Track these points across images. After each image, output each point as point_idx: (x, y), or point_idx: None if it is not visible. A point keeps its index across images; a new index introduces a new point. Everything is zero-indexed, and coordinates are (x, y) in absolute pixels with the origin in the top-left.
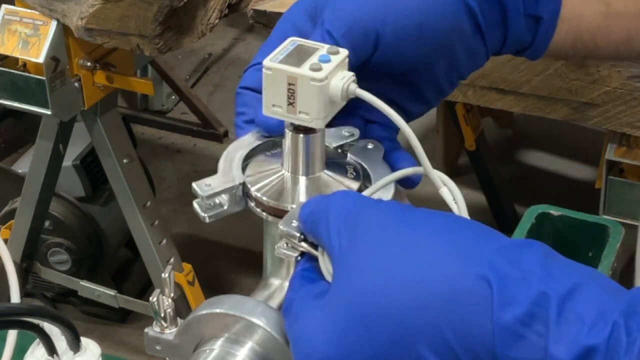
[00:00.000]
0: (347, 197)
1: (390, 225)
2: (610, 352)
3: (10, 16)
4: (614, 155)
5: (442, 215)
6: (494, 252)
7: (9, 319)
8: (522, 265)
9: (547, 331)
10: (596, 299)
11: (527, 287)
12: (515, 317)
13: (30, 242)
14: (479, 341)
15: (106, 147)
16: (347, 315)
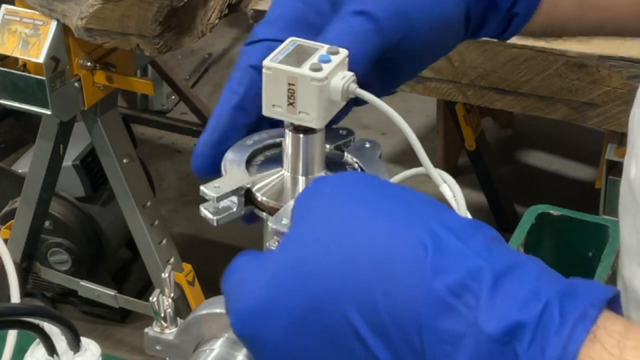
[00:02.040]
0: (315, 182)
1: (338, 196)
2: (540, 329)
3: (10, 16)
4: (614, 155)
5: (399, 187)
6: (438, 222)
7: (9, 319)
8: (465, 239)
9: (478, 304)
10: (533, 279)
11: (464, 259)
12: (446, 286)
13: (30, 242)
14: (407, 307)
15: (106, 147)
16: (284, 267)
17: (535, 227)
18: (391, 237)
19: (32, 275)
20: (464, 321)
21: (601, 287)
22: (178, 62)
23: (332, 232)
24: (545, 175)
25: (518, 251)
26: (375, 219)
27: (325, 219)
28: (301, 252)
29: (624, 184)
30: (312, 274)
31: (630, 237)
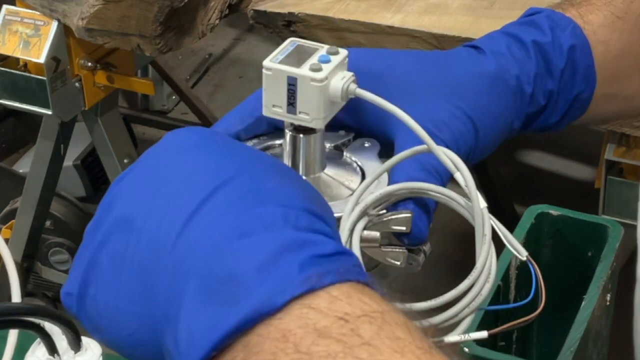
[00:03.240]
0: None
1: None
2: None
3: (11, 16)
4: (614, 155)
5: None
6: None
7: (10, 318)
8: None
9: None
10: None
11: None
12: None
13: (31, 241)
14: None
15: (107, 147)
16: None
17: (534, 227)
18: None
19: (33, 275)
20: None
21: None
22: (178, 62)
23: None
24: (545, 175)
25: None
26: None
27: (148, 157)
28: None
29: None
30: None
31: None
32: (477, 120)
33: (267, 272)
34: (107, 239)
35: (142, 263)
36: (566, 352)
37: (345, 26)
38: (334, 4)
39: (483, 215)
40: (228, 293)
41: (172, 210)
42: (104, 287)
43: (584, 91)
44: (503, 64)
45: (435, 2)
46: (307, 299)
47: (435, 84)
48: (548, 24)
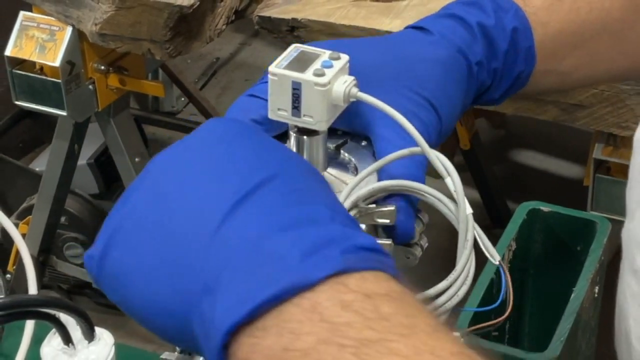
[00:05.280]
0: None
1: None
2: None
3: (28, 22)
4: (602, 154)
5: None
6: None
7: (27, 309)
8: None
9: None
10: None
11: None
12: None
13: (46, 236)
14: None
15: (119, 147)
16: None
17: (526, 223)
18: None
19: (49, 268)
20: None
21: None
22: (187, 65)
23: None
24: (536, 174)
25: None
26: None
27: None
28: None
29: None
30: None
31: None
32: (439, 106)
33: (311, 256)
34: (136, 207)
35: (178, 237)
36: (556, 341)
37: (346, 31)
38: (335, 11)
39: (468, 221)
40: (270, 271)
41: (215, 197)
42: (128, 252)
43: (525, 70)
44: (453, 48)
45: (433, 8)
46: (342, 278)
47: (397, 74)
48: (492, 6)
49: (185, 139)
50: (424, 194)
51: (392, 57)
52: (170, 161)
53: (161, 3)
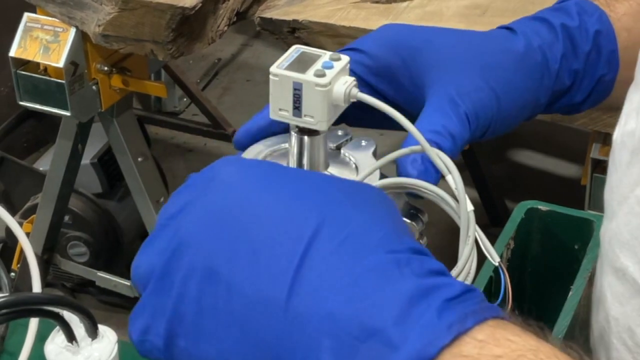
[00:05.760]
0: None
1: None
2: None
3: (32, 23)
4: (599, 154)
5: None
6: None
7: (31, 307)
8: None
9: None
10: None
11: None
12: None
13: (50, 235)
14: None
15: (122, 147)
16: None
17: (524, 222)
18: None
19: (53, 267)
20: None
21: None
22: (189, 66)
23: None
24: (535, 173)
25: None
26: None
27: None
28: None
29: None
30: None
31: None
32: (502, 93)
33: (406, 324)
34: (187, 289)
35: (246, 320)
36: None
37: (347, 32)
38: (336, 12)
39: (469, 218)
40: (371, 351)
41: (268, 266)
42: (198, 341)
43: (607, 74)
44: (531, 43)
45: (431, 10)
46: (455, 347)
47: (466, 58)
48: (576, 9)
49: (205, 191)
50: (426, 191)
51: (468, 43)
52: (204, 224)
53: (164, 4)
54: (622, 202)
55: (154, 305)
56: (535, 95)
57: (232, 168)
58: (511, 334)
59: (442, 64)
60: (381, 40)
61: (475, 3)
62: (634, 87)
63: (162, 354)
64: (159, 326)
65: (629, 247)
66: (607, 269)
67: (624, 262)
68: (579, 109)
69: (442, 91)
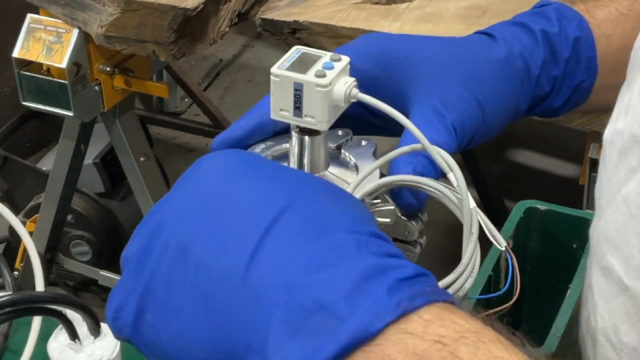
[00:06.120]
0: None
1: (209, 170)
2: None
3: (35, 24)
4: (597, 154)
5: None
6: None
7: (34, 306)
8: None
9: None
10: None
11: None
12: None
13: (53, 234)
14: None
15: (124, 146)
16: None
17: (523, 221)
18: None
19: (56, 266)
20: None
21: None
22: (191, 67)
23: (189, 191)
24: (533, 173)
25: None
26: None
27: (190, 182)
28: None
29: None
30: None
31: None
32: (485, 102)
33: (357, 299)
34: (160, 266)
35: (208, 293)
36: (553, 337)
37: (347, 33)
38: (336, 13)
39: (472, 214)
40: (319, 323)
41: (234, 241)
42: (164, 315)
43: (586, 80)
44: (512, 50)
45: (431, 11)
46: (402, 323)
47: (449, 67)
48: (556, 15)
49: (187, 180)
50: (429, 188)
51: (449, 53)
52: (182, 209)
53: (166, 6)
54: (610, 200)
55: (129, 283)
56: (517, 101)
57: (213, 159)
58: (457, 317)
59: (425, 75)
60: (362, 51)
61: (474, 4)
62: (626, 87)
63: (131, 330)
64: (131, 303)
65: (614, 245)
66: (595, 266)
67: (610, 260)
68: (557, 114)
69: (426, 103)
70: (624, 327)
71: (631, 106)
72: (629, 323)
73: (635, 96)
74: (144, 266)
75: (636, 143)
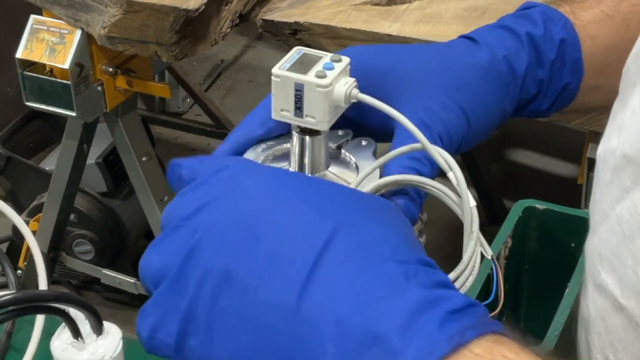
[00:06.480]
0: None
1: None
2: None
3: (39, 25)
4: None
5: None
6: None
7: (37, 304)
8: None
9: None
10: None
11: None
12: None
13: (56, 233)
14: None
15: (126, 146)
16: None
17: (522, 220)
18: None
19: (59, 265)
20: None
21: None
22: (193, 67)
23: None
24: (532, 172)
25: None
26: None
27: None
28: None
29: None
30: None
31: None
32: (470, 110)
33: (409, 333)
34: (202, 290)
35: (258, 322)
36: (551, 335)
37: (347, 34)
38: (337, 14)
39: (472, 213)
40: (375, 357)
41: (282, 270)
42: (210, 341)
43: (572, 82)
44: (496, 54)
45: (430, 12)
46: (453, 358)
47: (432, 77)
48: (541, 18)
49: (223, 197)
50: (430, 187)
51: (432, 61)
52: (221, 229)
53: (168, 7)
54: (603, 218)
55: (166, 304)
56: (502, 105)
57: (252, 176)
58: (508, 351)
59: (409, 86)
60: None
61: (474, 5)
62: (619, 104)
63: (173, 352)
64: (172, 325)
65: (609, 264)
66: (590, 282)
67: (604, 278)
68: (545, 115)
69: (411, 115)
70: (621, 346)
71: (624, 126)
72: (627, 342)
73: (628, 116)
74: (185, 287)
75: (628, 163)
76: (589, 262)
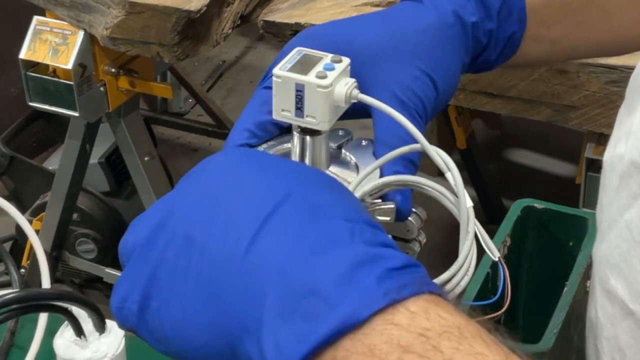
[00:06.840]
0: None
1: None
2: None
3: (42, 26)
4: (593, 154)
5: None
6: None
7: (40, 303)
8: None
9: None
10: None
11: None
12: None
13: (59, 232)
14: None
15: (129, 146)
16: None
17: (520, 220)
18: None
19: (62, 263)
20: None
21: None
22: (194, 68)
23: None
24: (530, 172)
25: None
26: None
27: (195, 178)
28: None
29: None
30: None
31: None
32: (435, 75)
33: (347, 286)
34: (165, 254)
35: (209, 277)
36: (549, 333)
37: None
38: (337, 15)
39: (468, 213)
40: (310, 307)
41: (236, 228)
42: (168, 301)
43: (517, 31)
44: (444, 8)
45: None
46: (388, 314)
47: (394, 48)
48: None
49: (193, 176)
50: (427, 188)
51: (387, 32)
52: (188, 201)
53: (170, 8)
54: (612, 224)
55: (134, 273)
56: (460, 60)
57: (217, 155)
58: (443, 311)
59: (374, 61)
60: (311, 43)
61: None
62: (625, 110)
63: (136, 319)
64: (136, 292)
65: (618, 269)
66: (599, 289)
67: (614, 284)
68: (492, 66)
69: (385, 92)
70: (630, 352)
71: (632, 132)
72: (636, 347)
73: (636, 123)
74: (150, 255)
75: (637, 169)
76: (598, 267)
